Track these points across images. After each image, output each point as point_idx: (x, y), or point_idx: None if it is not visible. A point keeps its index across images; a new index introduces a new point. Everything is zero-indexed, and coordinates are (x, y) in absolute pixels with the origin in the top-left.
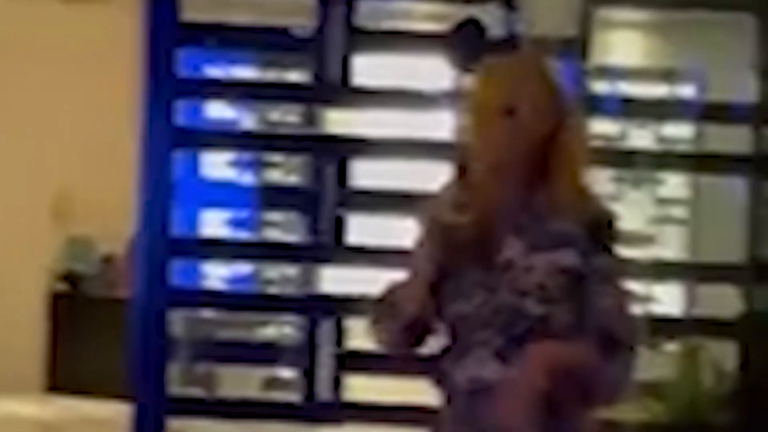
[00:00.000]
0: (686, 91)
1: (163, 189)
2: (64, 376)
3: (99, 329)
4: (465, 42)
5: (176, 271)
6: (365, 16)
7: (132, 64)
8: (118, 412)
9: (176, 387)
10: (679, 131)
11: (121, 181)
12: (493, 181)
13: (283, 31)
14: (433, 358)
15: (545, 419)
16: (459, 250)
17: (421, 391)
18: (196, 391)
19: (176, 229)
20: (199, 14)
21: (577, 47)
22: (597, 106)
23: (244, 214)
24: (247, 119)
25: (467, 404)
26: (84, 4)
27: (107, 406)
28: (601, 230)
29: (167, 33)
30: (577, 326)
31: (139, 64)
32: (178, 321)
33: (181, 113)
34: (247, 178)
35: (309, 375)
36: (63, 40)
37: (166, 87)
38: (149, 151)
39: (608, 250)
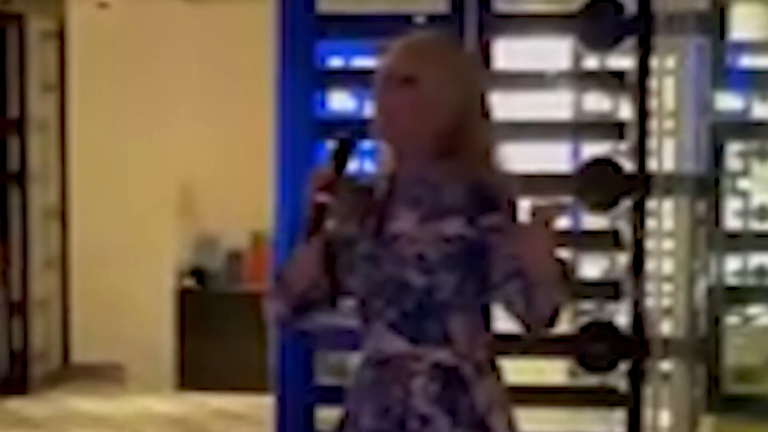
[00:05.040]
0: None
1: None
2: (193, 372)
3: (226, 324)
4: (598, 22)
5: None
6: None
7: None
8: (248, 405)
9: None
10: None
11: (244, 176)
12: (393, 152)
13: (408, 19)
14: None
15: None
16: (352, 222)
17: None
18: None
19: None
20: (333, 5)
21: (710, 22)
22: (724, 80)
23: None
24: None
25: (371, 375)
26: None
27: (237, 399)
28: (491, 195)
29: (303, 25)
30: (468, 295)
31: (268, 58)
32: None
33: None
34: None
35: None
36: (186, 37)
37: (305, 78)
38: (290, 142)
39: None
